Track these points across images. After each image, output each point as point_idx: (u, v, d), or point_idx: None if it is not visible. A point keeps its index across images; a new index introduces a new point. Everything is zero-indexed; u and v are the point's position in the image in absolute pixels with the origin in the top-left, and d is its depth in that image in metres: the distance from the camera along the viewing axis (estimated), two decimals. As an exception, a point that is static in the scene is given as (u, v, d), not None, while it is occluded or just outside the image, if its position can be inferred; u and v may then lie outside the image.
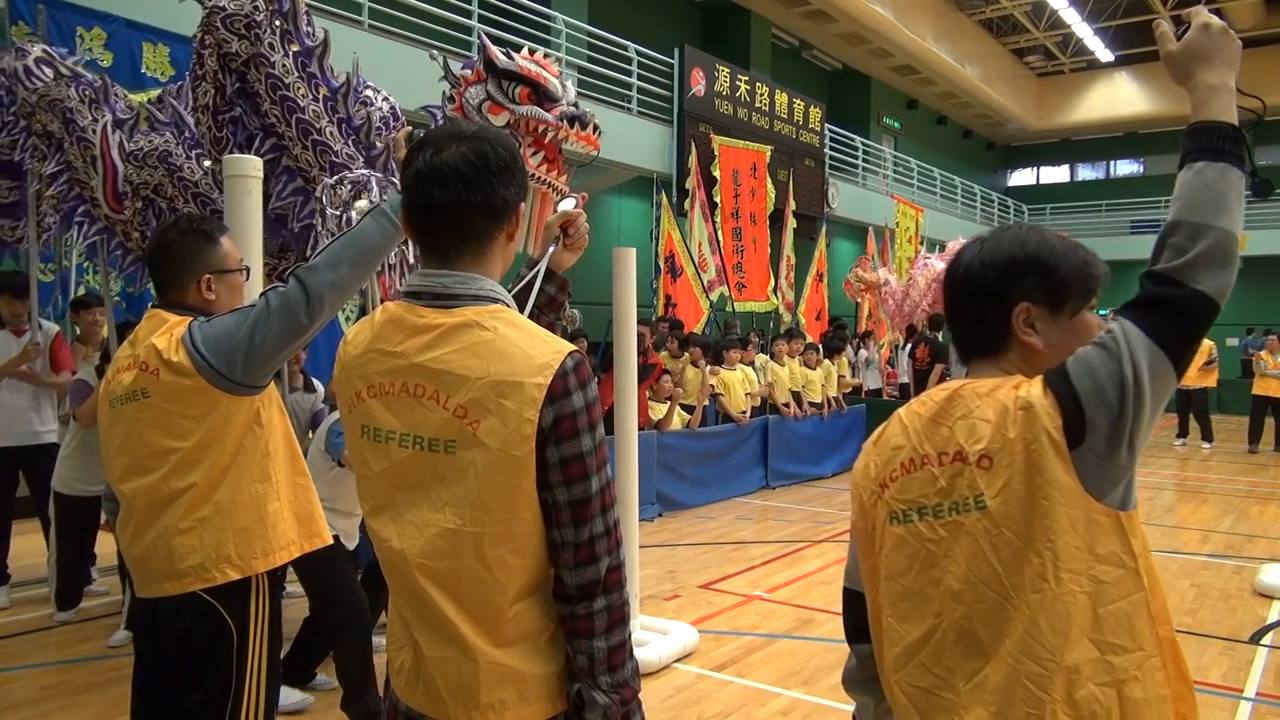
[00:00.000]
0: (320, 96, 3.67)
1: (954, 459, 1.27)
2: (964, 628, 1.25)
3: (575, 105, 3.64)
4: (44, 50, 4.51)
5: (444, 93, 3.69)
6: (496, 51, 3.51)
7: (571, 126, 3.54)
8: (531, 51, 3.68)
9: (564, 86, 3.61)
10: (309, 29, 3.73)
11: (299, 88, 3.60)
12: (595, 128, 3.65)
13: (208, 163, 3.97)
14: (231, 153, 3.69)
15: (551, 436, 1.30)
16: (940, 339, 10.27)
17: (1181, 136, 1.30)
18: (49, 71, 4.39)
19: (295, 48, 3.65)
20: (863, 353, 12.66)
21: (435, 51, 3.91)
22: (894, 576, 1.32)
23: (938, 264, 11.96)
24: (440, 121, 3.85)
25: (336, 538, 2.52)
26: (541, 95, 3.53)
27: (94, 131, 4.19)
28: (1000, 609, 1.22)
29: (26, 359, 4.97)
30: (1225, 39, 1.29)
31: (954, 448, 1.27)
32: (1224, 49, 1.29)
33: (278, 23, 3.61)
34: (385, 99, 3.92)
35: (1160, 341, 1.19)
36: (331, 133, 3.66)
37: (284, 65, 3.58)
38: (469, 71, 3.58)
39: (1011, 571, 1.22)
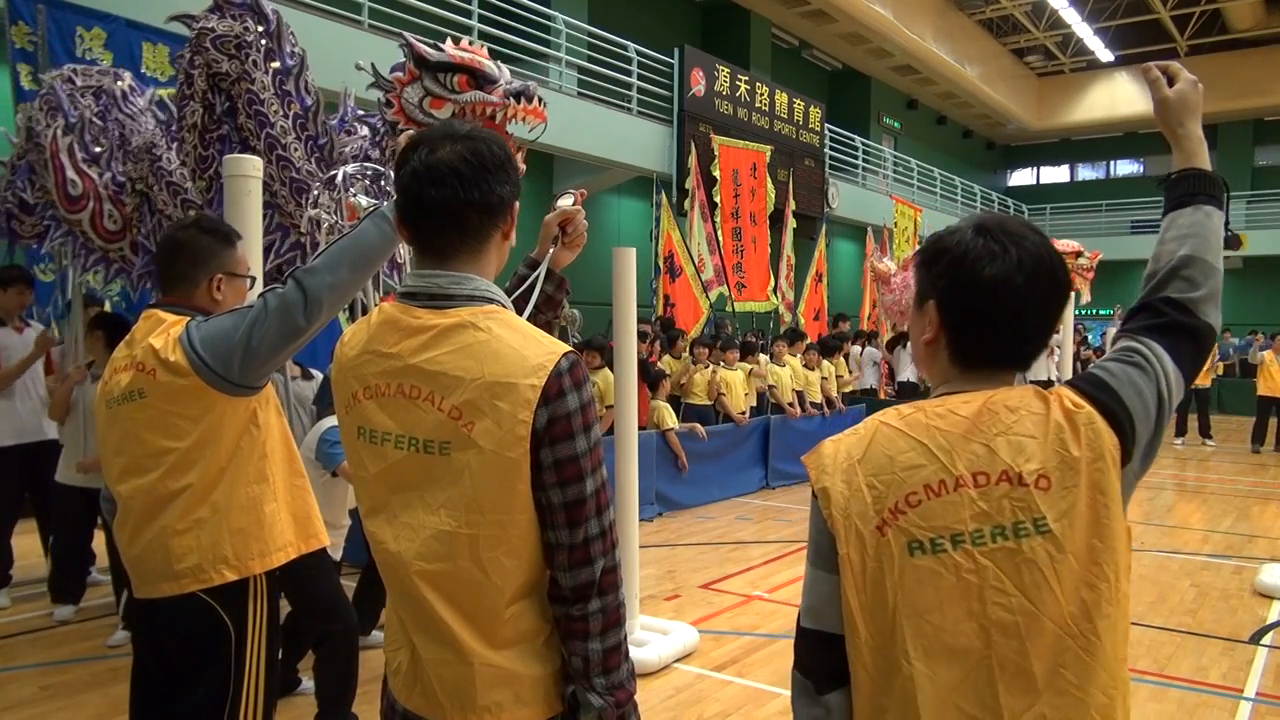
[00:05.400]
0: (291, 114, 3.75)
1: (999, 479, 1.17)
2: (1017, 663, 1.15)
3: (513, 84, 3.68)
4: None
5: (379, 99, 3.77)
6: (425, 47, 3.57)
7: (518, 102, 3.57)
8: (457, 41, 3.74)
9: (499, 68, 3.65)
10: (292, 49, 3.80)
11: (272, 104, 3.70)
12: (539, 99, 3.68)
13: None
14: (218, 171, 3.73)
15: (546, 437, 1.30)
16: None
17: (1182, 178, 1.36)
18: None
19: (275, 65, 3.75)
20: (868, 350, 12.63)
21: (361, 60, 3.96)
22: (920, 614, 1.17)
23: None
24: (382, 126, 3.89)
25: (325, 549, 2.50)
26: (481, 80, 3.57)
27: (46, 136, 4.30)
28: (1059, 639, 1.15)
29: (45, 347, 5.08)
30: (1200, 95, 1.39)
31: (998, 467, 1.17)
32: (1200, 105, 1.39)
33: (263, 40, 3.70)
34: (365, 135, 4.05)
35: (1181, 366, 1.27)
36: (296, 150, 3.75)
37: (262, 82, 3.68)
38: (401, 73, 3.63)
39: (1072, 598, 1.15)
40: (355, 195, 3.75)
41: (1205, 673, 4.33)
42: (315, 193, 3.81)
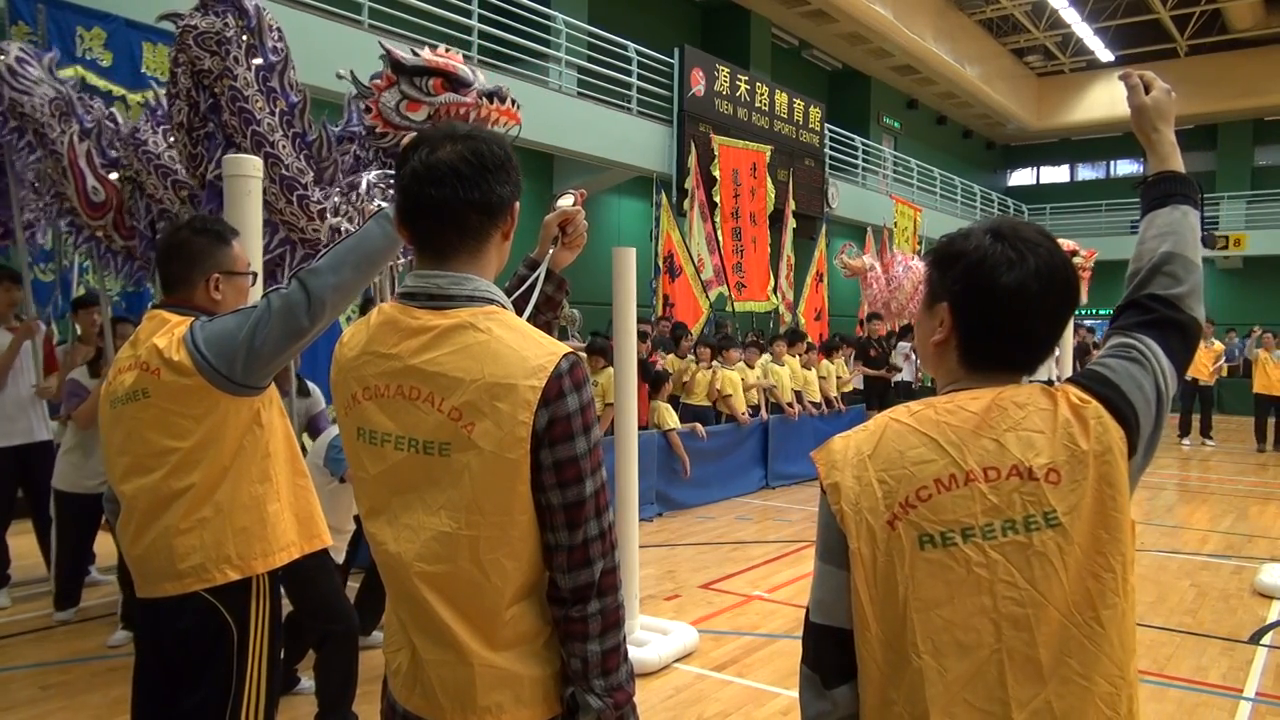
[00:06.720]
0: (277, 110, 3.74)
1: (1009, 474, 1.19)
2: (1025, 654, 1.17)
3: (485, 85, 3.75)
4: (22, 49, 4.52)
5: (360, 105, 3.81)
6: (401, 52, 3.64)
7: (490, 102, 3.62)
8: (434, 48, 3.78)
9: (474, 73, 3.72)
10: (274, 44, 3.78)
11: (257, 101, 3.67)
12: (513, 101, 3.73)
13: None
14: (208, 169, 3.72)
15: (546, 439, 1.30)
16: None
17: (1159, 179, 1.42)
18: (33, 71, 4.41)
19: (258, 61, 3.72)
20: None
21: (342, 69, 3.99)
22: (930, 607, 1.18)
23: (921, 266, 11.98)
24: (361, 130, 3.91)
25: (327, 550, 2.51)
26: (455, 83, 3.65)
27: (62, 143, 4.25)
28: (1064, 628, 1.17)
29: (28, 335, 4.93)
30: (1173, 103, 1.46)
31: (1008, 462, 1.19)
32: (1173, 111, 1.46)
33: (244, 36, 3.67)
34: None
35: (1173, 359, 1.30)
36: (284, 146, 3.73)
37: (245, 78, 3.64)
38: (379, 80, 3.69)
39: (1077, 587, 1.17)
40: (377, 203, 3.76)
41: (1205, 673, 4.33)
42: (336, 200, 3.81)
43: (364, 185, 3.83)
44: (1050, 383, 1.29)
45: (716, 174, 11.96)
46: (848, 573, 1.24)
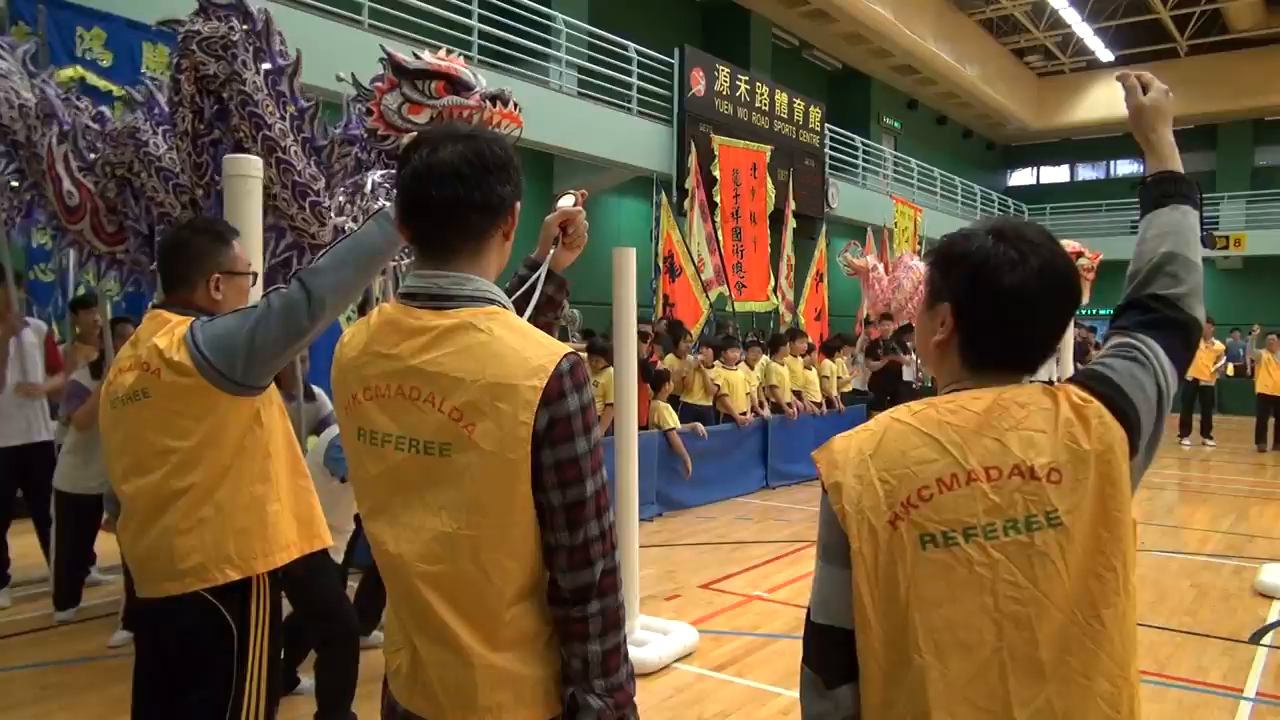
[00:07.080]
0: (287, 115, 3.72)
1: (1011, 473, 1.19)
2: (1028, 654, 1.16)
3: (489, 88, 3.74)
4: None
5: (361, 107, 3.82)
6: (403, 56, 3.64)
7: (494, 105, 3.62)
8: (435, 51, 3.78)
9: (476, 76, 3.72)
10: (282, 48, 3.77)
11: (267, 105, 3.65)
12: (515, 104, 3.73)
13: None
14: (214, 177, 3.70)
15: (546, 439, 1.30)
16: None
17: (1158, 180, 1.42)
18: (3, 64, 4.36)
19: (266, 65, 3.71)
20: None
21: (342, 71, 3.98)
22: (932, 607, 1.18)
23: (920, 266, 12.00)
24: (361, 132, 3.91)
25: (327, 550, 2.51)
26: (457, 86, 3.65)
27: (43, 146, 4.20)
28: (1065, 628, 1.17)
29: (10, 333, 4.87)
30: (1171, 103, 1.46)
31: (1010, 461, 1.19)
32: (1171, 111, 1.46)
33: (251, 41, 3.65)
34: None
35: (1175, 359, 1.31)
36: (296, 151, 3.72)
37: (254, 83, 3.63)
38: (381, 83, 3.70)
39: (1079, 587, 1.17)
40: (381, 202, 3.75)
41: (1205, 673, 4.33)
42: (341, 199, 3.80)
43: (369, 185, 3.82)
44: (1051, 382, 1.28)
45: (716, 174, 11.96)
46: (849, 572, 1.23)
